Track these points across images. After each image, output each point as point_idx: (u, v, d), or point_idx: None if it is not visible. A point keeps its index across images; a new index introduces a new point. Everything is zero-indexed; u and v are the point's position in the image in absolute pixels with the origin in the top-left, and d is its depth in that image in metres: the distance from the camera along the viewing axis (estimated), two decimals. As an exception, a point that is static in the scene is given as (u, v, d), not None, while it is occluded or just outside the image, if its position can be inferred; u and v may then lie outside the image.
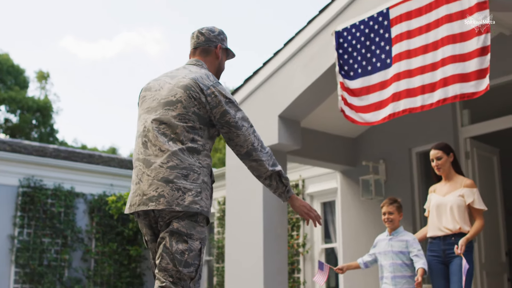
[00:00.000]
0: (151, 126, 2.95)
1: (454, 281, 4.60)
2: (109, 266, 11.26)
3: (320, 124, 8.10)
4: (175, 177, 2.80)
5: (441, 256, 4.78)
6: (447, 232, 4.72)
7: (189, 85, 2.98)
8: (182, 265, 2.77)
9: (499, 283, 7.55)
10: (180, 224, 2.79)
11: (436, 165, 4.90)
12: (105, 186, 11.77)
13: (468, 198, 4.72)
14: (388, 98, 5.41)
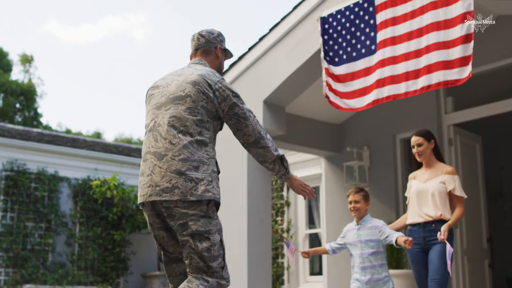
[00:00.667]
0: (161, 121, 3.10)
1: (432, 268, 4.56)
2: (93, 250, 11.24)
3: (305, 110, 8.11)
4: (187, 169, 2.97)
5: (420, 244, 4.71)
6: (427, 218, 4.67)
7: (197, 80, 3.15)
8: (211, 260, 2.98)
9: (480, 269, 7.65)
10: (197, 225, 2.96)
11: (417, 151, 4.84)
12: (89, 170, 11.72)
13: (450, 185, 4.66)
14: (372, 84, 5.43)
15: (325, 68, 5.81)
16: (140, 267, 11.89)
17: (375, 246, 4.87)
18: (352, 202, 4.99)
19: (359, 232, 4.95)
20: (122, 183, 11.55)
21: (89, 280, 11.14)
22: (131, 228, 11.41)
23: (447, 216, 4.61)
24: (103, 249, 11.43)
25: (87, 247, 11.24)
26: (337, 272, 8.35)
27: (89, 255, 11.21)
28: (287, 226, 9.85)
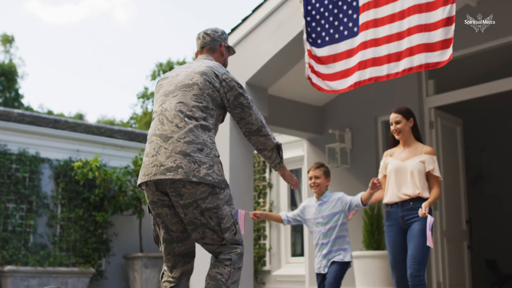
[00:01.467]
0: (168, 106, 3.28)
1: (411, 247, 4.51)
2: (75, 232, 11.19)
3: (288, 92, 8.13)
4: (192, 151, 3.14)
5: (399, 224, 4.64)
6: (405, 198, 4.62)
7: (205, 71, 3.37)
8: (224, 232, 3.21)
9: (459, 250, 7.76)
10: (206, 203, 3.15)
11: (395, 129, 4.75)
12: (71, 151, 11.62)
13: (429, 165, 4.61)
14: (354, 67, 5.44)
15: (307, 49, 5.81)
16: (122, 248, 11.88)
17: (339, 219, 4.79)
18: (313, 177, 4.88)
19: (320, 208, 4.83)
20: (104, 165, 11.49)
21: (71, 262, 11.12)
22: (113, 210, 11.37)
23: (425, 195, 4.57)
24: (85, 230, 11.40)
25: (68, 229, 11.19)
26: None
27: (71, 236, 11.17)
28: (269, 207, 9.90)
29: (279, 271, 9.56)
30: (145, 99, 29.26)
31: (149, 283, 11.29)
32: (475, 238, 9.52)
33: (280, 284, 9.37)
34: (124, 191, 11.34)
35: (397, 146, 4.88)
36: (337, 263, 4.78)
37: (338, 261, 4.78)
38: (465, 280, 7.76)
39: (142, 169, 3.28)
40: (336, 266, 4.77)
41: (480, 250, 9.68)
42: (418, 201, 4.57)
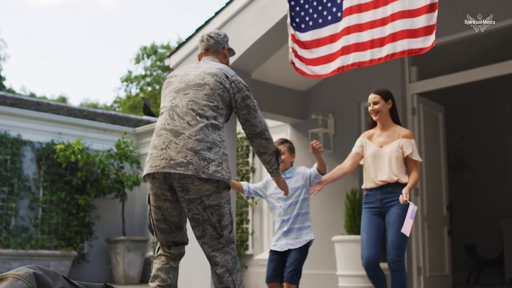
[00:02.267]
0: (179, 103, 3.40)
1: (391, 233, 4.42)
2: (57, 215, 11.15)
3: (271, 77, 8.13)
4: (202, 148, 3.27)
5: (378, 207, 4.55)
6: (381, 184, 4.53)
7: (216, 72, 3.51)
8: (223, 230, 3.39)
9: (440, 235, 7.84)
10: (209, 200, 3.31)
11: (373, 109, 4.65)
12: (53, 134, 11.55)
13: (407, 149, 4.53)
14: (337, 52, 5.45)
15: (291, 34, 5.80)
16: (104, 232, 11.88)
17: (300, 194, 4.70)
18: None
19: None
20: (87, 148, 11.45)
21: (53, 245, 11.10)
22: (95, 193, 11.35)
23: (404, 180, 4.50)
24: (67, 213, 11.37)
25: (50, 212, 11.16)
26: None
27: (53, 219, 11.14)
28: (252, 192, 9.91)
29: (262, 255, 9.61)
30: (129, 82, 29.12)
31: (131, 266, 11.31)
32: (455, 224, 9.63)
33: (262, 268, 9.42)
34: (107, 175, 11.31)
35: (375, 127, 4.76)
36: (299, 249, 4.63)
37: (300, 247, 4.63)
38: (445, 265, 7.85)
39: (149, 161, 3.38)
40: (297, 254, 4.62)
41: (460, 236, 9.80)
42: (397, 186, 4.50)
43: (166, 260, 3.55)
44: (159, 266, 3.53)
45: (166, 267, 3.53)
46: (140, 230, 12.33)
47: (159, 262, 3.55)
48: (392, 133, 4.63)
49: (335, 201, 8.01)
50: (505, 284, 9.24)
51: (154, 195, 3.44)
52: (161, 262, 3.54)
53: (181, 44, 7.65)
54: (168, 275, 3.51)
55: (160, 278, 3.49)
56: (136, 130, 12.68)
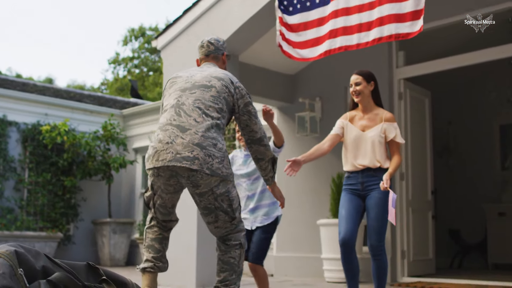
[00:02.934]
0: (186, 100, 3.54)
1: (371, 217, 4.34)
2: (43, 196, 11.11)
3: (259, 60, 8.10)
4: (207, 145, 3.41)
5: (359, 189, 4.43)
6: (362, 168, 4.42)
7: (222, 77, 3.67)
8: (234, 213, 3.60)
9: (424, 220, 7.90)
10: (219, 189, 3.48)
11: (354, 90, 4.50)
12: (39, 115, 11.48)
13: (390, 133, 4.41)
14: (325, 35, 5.44)
15: (279, 17, 5.78)
16: (90, 213, 11.86)
17: None
18: (239, 131, 4.65)
19: (246, 159, 4.64)
20: (73, 129, 11.39)
21: (39, 226, 11.07)
22: (82, 175, 11.32)
23: (386, 165, 4.38)
24: (53, 195, 11.34)
25: (36, 193, 11.12)
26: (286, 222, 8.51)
27: (39, 201, 11.10)
28: (238, 175, 9.92)
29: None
30: (116, 64, 28.93)
31: (117, 248, 11.32)
32: (439, 209, 9.71)
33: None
34: (93, 156, 11.27)
35: (356, 109, 4.62)
36: (265, 227, 4.53)
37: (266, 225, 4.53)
38: (429, 250, 7.92)
39: (153, 154, 3.48)
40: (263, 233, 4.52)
41: (444, 220, 9.88)
42: (379, 170, 4.38)
43: (159, 231, 3.72)
44: (152, 237, 3.71)
45: (160, 237, 3.72)
46: (126, 212, 12.33)
47: (152, 232, 3.72)
48: (374, 116, 4.50)
49: (321, 185, 8.03)
50: (488, 269, 9.35)
51: (157, 186, 3.59)
52: (154, 232, 3.72)
53: (169, 25, 7.60)
54: (161, 245, 3.71)
55: (154, 248, 3.68)
56: (123, 112, 12.63)
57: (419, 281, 7.01)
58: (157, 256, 3.68)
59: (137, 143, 12.32)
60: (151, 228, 3.74)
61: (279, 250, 8.62)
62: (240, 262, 3.66)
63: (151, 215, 3.76)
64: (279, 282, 7.41)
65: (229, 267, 3.61)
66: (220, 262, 3.64)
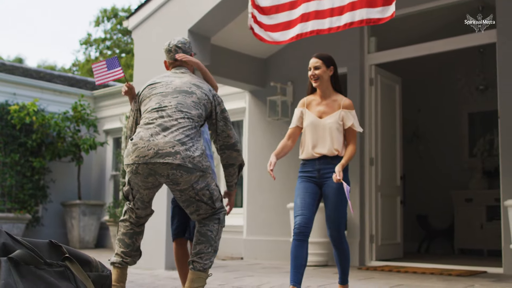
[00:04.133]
0: (169, 103, 3.66)
1: (330, 207, 4.18)
2: (11, 177, 10.96)
3: (231, 43, 8.07)
4: (188, 141, 3.53)
5: (315, 176, 4.23)
6: (318, 156, 4.23)
7: (201, 85, 3.84)
8: (215, 203, 3.70)
9: (393, 205, 8.00)
10: (199, 184, 3.59)
11: (313, 74, 4.30)
12: (7, 95, 11.28)
13: (348, 121, 4.24)
14: (297, 19, 5.42)
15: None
16: (59, 195, 11.74)
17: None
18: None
19: None
20: (42, 110, 11.23)
21: (6, 207, 10.93)
22: (51, 156, 11.17)
23: (343, 153, 4.23)
24: (22, 176, 11.19)
25: (4, 174, 10.96)
26: (256, 205, 8.54)
27: (7, 181, 10.95)
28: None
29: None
30: (88, 45, 28.55)
31: (86, 230, 11.24)
32: (408, 194, 9.83)
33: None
34: (62, 137, 11.14)
35: (314, 94, 4.42)
36: None
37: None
38: (397, 234, 8.03)
39: (134, 151, 3.54)
40: None
41: (413, 206, 10.01)
42: (336, 158, 4.21)
43: (130, 226, 3.82)
44: (124, 231, 3.81)
45: (130, 232, 3.82)
46: (96, 195, 12.24)
47: (124, 226, 3.82)
48: (332, 102, 4.31)
49: (291, 169, 8.06)
50: (454, 254, 9.51)
51: (134, 183, 3.67)
52: (126, 227, 3.82)
53: (140, 5, 7.52)
54: (131, 240, 3.80)
55: (124, 243, 3.79)
56: (94, 94, 12.48)
57: (386, 265, 7.11)
58: (126, 251, 3.77)
59: (107, 124, 12.21)
60: (123, 222, 3.84)
61: (249, 233, 8.65)
62: (217, 237, 3.73)
63: (126, 208, 3.84)
64: (249, 265, 7.45)
65: (205, 239, 3.67)
66: (198, 233, 3.71)
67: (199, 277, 3.63)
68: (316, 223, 7.12)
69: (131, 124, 3.96)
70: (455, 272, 6.38)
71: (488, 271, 6.59)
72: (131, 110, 3.98)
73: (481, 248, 9.24)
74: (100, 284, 2.55)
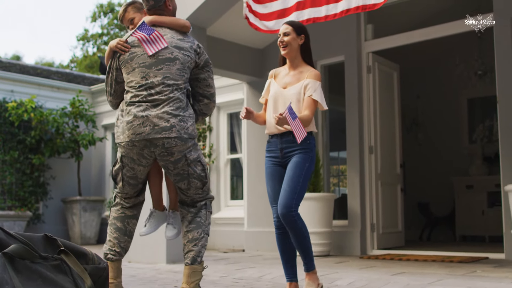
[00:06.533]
0: (155, 79, 3.62)
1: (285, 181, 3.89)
2: (11, 175, 10.93)
3: (228, 34, 8.03)
4: (180, 111, 3.60)
5: (278, 156, 4.02)
6: (283, 130, 3.98)
7: (181, 45, 3.73)
8: (206, 178, 3.77)
9: (393, 193, 7.97)
10: (192, 155, 3.65)
11: (281, 40, 4.04)
12: (5, 92, 11.23)
13: (309, 90, 3.94)
14: (292, 7, 5.39)
15: (246, -12, 5.71)
16: (60, 192, 11.72)
17: None
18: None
19: None
20: (40, 106, 11.19)
21: (7, 205, 10.91)
22: (50, 152, 11.14)
23: (308, 129, 3.99)
24: (21, 173, 11.16)
25: (4, 172, 10.93)
26: (256, 197, 8.51)
27: (6, 179, 10.92)
28: (209, 151, 9.89)
29: (219, 214, 9.64)
30: (85, 41, 28.47)
31: (87, 226, 11.23)
32: (408, 182, 9.81)
33: (219, 227, 9.47)
34: (61, 133, 11.11)
35: (285, 65, 4.18)
36: None
37: None
38: (398, 222, 8.00)
39: (129, 128, 3.58)
40: None
41: (413, 194, 9.99)
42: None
43: (121, 210, 3.83)
44: (115, 215, 3.83)
45: (122, 216, 3.82)
46: (96, 190, 12.22)
47: (115, 211, 3.85)
48: (299, 73, 4.05)
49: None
50: (455, 241, 9.49)
51: (129, 158, 3.68)
52: (117, 211, 3.84)
53: None
54: (123, 223, 3.81)
55: (116, 227, 3.79)
56: (92, 89, 12.44)
57: (388, 253, 7.09)
58: (118, 235, 3.77)
59: (106, 119, 12.17)
60: (114, 207, 3.86)
61: (250, 225, 8.63)
62: (207, 222, 3.76)
63: (115, 193, 3.87)
64: (250, 257, 7.43)
65: (196, 225, 3.71)
66: (187, 222, 3.74)
67: (194, 271, 3.65)
68: (316, 213, 7.11)
69: (110, 81, 3.83)
70: (457, 258, 6.36)
71: (489, 257, 6.57)
72: (109, 67, 3.81)
73: (482, 234, 9.22)
74: (97, 276, 2.52)
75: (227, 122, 9.90)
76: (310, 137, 3.98)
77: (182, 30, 3.85)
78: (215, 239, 9.37)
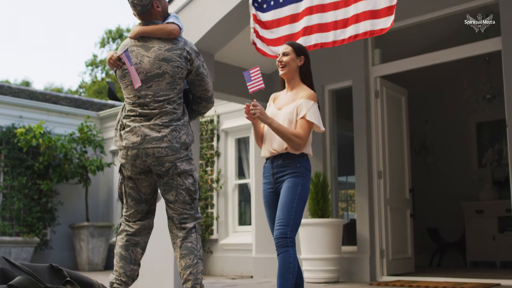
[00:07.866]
0: (146, 97, 3.67)
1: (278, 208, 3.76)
2: (19, 200, 10.93)
3: (235, 59, 8.04)
4: (173, 121, 3.65)
5: (271, 182, 3.92)
6: (274, 153, 3.87)
7: (169, 57, 3.71)
8: (195, 193, 3.74)
9: (403, 218, 7.89)
10: (183, 165, 3.66)
11: (280, 60, 3.98)
12: (14, 118, 11.29)
13: (302, 110, 3.81)
14: (299, 32, 5.39)
15: (253, 14, 5.73)
16: (68, 217, 11.70)
17: None
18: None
19: None
20: (48, 132, 11.23)
21: (15, 231, 10.88)
22: (58, 178, 11.14)
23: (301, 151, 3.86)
24: (29, 199, 11.15)
25: (12, 197, 10.93)
26: (264, 222, 8.45)
27: (14, 205, 10.91)
28: (216, 176, 9.86)
29: (227, 239, 9.58)
30: (94, 67, 28.68)
31: (95, 252, 11.18)
32: (418, 207, 9.72)
33: (227, 252, 9.40)
34: (69, 159, 11.12)
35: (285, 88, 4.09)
36: None
37: None
38: (408, 248, 7.91)
39: (123, 139, 3.69)
40: None
41: (423, 219, 9.90)
42: (289, 157, 3.83)
43: (125, 237, 3.82)
44: (120, 244, 3.82)
45: (126, 244, 3.81)
46: (104, 216, 12.19)
47: (120, 239, 3.83)
48: (295, 94, 3.94)
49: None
50: (466, 267, 9.37)
51: (124, 169, 3.77)
52: (121, 239, 3.82)
53: (143, 25, 7.50)
54: (128, 252, 3.79)
55: (120, 256, 3.77)
56: (100, 114, 12.48)
57: (398, 280, 6.99)
58: (123, 264, 3.75)
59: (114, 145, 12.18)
60: (119, 235, 3.86)
61: (258, 251, 8.56)
62: (198, 246, 3.73)
63: (120, 220, 3.89)
64: (258, 284, 7.35)
65: (188, 252, 3.67)
66: (178, 249, 3.70)
67: None
68: (325, 239, 7.04)
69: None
70: (468, 285, 6.26)
71: (501, 283, 6.46)
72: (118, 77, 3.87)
73: (493, 260, 9.10)
74: (103, 307, 2.48)
75: (235, 147, 9.88)
76: (302, 160, 3.84)
77: (170, 37, 3.78)
78: (223, 265, 9.29)
